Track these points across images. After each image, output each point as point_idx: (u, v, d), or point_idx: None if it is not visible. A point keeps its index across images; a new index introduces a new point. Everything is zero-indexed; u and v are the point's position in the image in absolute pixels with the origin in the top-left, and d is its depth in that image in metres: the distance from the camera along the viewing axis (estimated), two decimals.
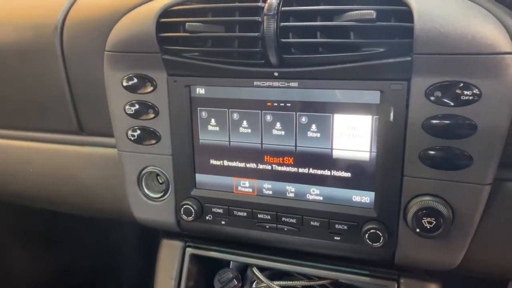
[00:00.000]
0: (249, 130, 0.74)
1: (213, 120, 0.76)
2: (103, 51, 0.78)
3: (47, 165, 0.95)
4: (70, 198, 0.97)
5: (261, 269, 0.88)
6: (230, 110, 0.75)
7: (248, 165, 0.77)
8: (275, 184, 0.76)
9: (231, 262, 0.98)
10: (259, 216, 0.78)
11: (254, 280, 0.93)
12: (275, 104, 0.72)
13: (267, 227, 0.78)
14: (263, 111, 0.73)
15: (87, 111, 0.88)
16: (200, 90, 0.75)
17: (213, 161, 0.79)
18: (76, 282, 1.77)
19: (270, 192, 0.77)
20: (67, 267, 1.71)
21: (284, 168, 0.75)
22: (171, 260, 0.90)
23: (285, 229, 0.77)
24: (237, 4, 0.68)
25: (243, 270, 0.97)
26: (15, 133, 0.97)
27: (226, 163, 0.78)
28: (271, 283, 0.84)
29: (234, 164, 0.78)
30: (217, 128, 0.76)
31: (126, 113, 0.79)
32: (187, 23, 0.69)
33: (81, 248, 1.72)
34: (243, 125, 0.75)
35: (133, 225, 0.93)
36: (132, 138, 0.81)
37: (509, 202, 0.66)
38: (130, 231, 1.71)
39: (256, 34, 0.66)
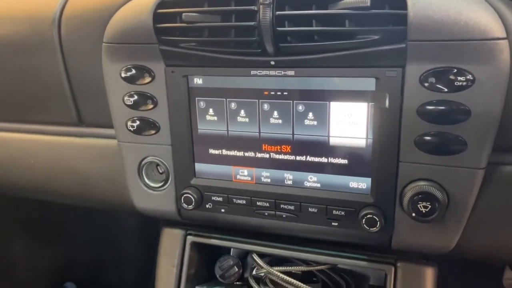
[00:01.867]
0: (247, 119, 0.75)
1: (211, 110, 0.77)
2: (101, 43, 0.79)
3: (48, 157, 0.96)
4: (71, 190, 0.98)
5: (261, 255, 0.89)
6: (227, 99, 0.75)
7: (246, 154, 0.78)
8: (273, 172, 0.77)
9: (232, 249, 0.99)
10: (258, 203, 0.79)
11: (254, 267, 0.95)
12: (272, 92, 0.72)
13: (266, 214, 0.79)
14: (260, 100, 0.74)
15: (87, 103, 0.88)
16: (198, 80, 0.76)
17: (212, 151, 0.80)
18: (78, 273, 1.78)
19: (269, 180, 0.78)
20: (69, 258, 1.72)
21: (282, 156, 0.76)
22: (172, 248, 0.92)
23: (284, 216, 0.78)
24: None
25: (243, 257, 0.99)
26: (15, 125, 0.97)
27: (224, 152, 0.79)
28: (270, 269, 0.86)
29: (232, 153, 0.79)
30: (215, 118, 0.77)
31: (125, 104, 0.80)
32: (183, 14, 0.70)
33: (82, 239, 1.73)
34: (241, 114, 0.76)
35: (134, 216, 0.94)
36: (132, 129, 0.82)
37: (503, 185, 0.68)
38: (131, 221, 1.72)
39: (252, 23, 0.66)
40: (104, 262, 1.81)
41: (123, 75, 0.79)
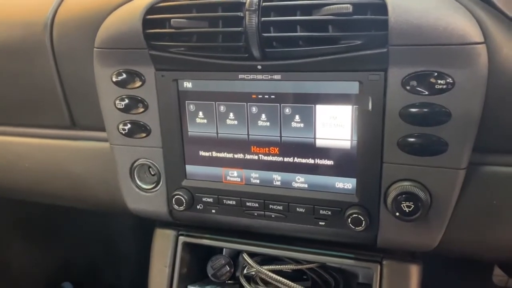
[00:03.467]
0: (236, 122, 0.77)
1: (200, 113, 0.79)
2: (93, 47, 0.80)
3: (41, 160, 0.98)
4: (64, 192, 1.00)
5: (252, 254, 0.91)
6: (217, 102, 0.77)
7: (235, 156, 0.80)
8: (262, 173, 0.79)
9: (224, 248, 1.01)
10: (248, 204, 0.81)
11: (246, 266, 0.97)
12: (260, 96, 0.74)
13: (255, 214, 0.81)
14: (248, 103, 0.75)
15: (79, 106, 0.90)
16: (187, 84, 0.78)
17: (202, 153, 0.81)
18: (75, 273, 1.79)
19: (258, 181, 0.80)
20: (66, 258, 1.73)
21: (270, 158, 0.77)
22: (164, 248, 0.93)
23: (273, 216, 0.80)
24: (219, 0, 0.70)
25: (235, 256, 1.01)
26: (9, 129, 0.99)
27: (214, 154, 0.81)
28: (260, 268, 0.87)
29: (222, 155, 0.80)
30: (205, 121, 0.79)
31: (117, 108, 0.82)
32: (172, 19, 0.71)
33: (79, 239, 1.74)
34: (229, 117, 0.77)
35: (129, 217, 0.95)
36: (123, 132, 0.83)
37: (483, 185, 0.70)
38: (127, 222, 1.73)
39: (239, 29, 0.68)
40: (101, 262, 1.82)
41: (114, 79, 0.80)
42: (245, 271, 0.96)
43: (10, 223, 1.56)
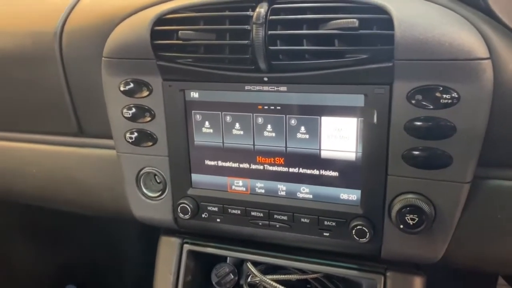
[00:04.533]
0: (242, 132, 0.78)
1: (207, 123, 0.79)
2: (101, 56, 0.81)
3: (48, 166, 0.99)
4: (71, 198, 1.01)
5: (256, 263, 0.92)
6: (223, 113, 0.78)
7: (241, 165, 0.80)
8: (267, 183, 0.80)
9: (228, 257, 1.01)
10: (252, 213, 0.81)
11: (250, 274, 0.97)
12: (266, 107, 0.75)
13: (260, 224, 0.81)
14: (254, 114, 0.76)
15: (87, 114, 0.91)
16: (194, 94, 0.78)
17: (208, 162, 0.82)
18: (80, 276, 1.81)
19: (263, 191, 0.80)
20: (70, 261, 1.74)
21: (275, 168, 0.78)
22: (169, 256, 0.94)
23: (277, 225, 0.80)
24: (227, 13, 0.71)
25: (239, 264, 1.01)
26: (18, 135, 1.00)
27: (220, 163, 0.81)
28: (264, 277, 0.88)
29: (228, 164, 0.81)
30: (211, 130, 0.80)
31: (124, 117, 0.83)
32: (180, 31, 0.72)
33: (84, 243, 1.75)
34: (235, 127, 0.78)
35: (134, 222, 0.96)
36: (130, 140, 0.84)
37: (488, 199, 0.70)
38: (131, 228, 1.74)
39: (246, 42, 0.69)
40: (104, 265, 1.83)
41: (121, 88, 0.81)
42: (249, 280, 0.96)
43: (15, 225, 1.58)
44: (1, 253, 1.56)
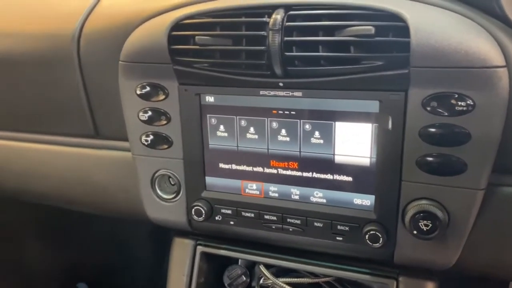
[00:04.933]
0: (256, 136, 0.79)
1: (222, 127, 0.80)
2: (118, 60, 0.83)
3: (64, 167, 1.00)
4: (86, 199, 1.02)
5: (268, 265, 0.92)
6: (238, 117, 0.79)
7: (255, 169, 0.81)
8: (281, 187, 0.80)
9: (239, 259, 1.02)
10: (266, 217, 0.82)
11: (262, 276, 0.98)
12: (280, 112, 0.76)
13: (273, 227, 0.82)
14: (269, 118, 0.77)
15: (103, 117, 0.92)
16: (210, 98, 0.79)
17: (222, 165, 0.83)
18: (90, 274, 1.82)
19: (276, 195, 0.81)
20: (82, 259, 1.76)
21: (289, 172, 0.79)
22: (182, 257, 0.95)
23: (290, 229, 0.81)
24: (243, 19, 0.72)
25: (250, 266, 1.02)
26: (35, 136, 1.02)
27: (234, 167, 0.82)
28: (276, 280, 0.89)
29: (242, 167, 0.82)
30: (226, 134, 0.81)
31: (140, 120, 0.84)
32: (197, 37, 0.73)
33: (95, 241, 1.77)
34: (250, 131, 0.79)
35: (145, 223, 0.97)
36: (146, 143, 0.85)
37: (502, 206, 0.70)
38: (142, 228, 1.76)
39: (262, 47, 0.69)
40: (115, 264, 1.85)
41: (138, 92, 0.82)
42: (261, 282, 0.97)
43: (27, 224, 1.60)
44: (14, 251, 1.58)
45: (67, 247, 1.73)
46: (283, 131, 0.77)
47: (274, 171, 0.80)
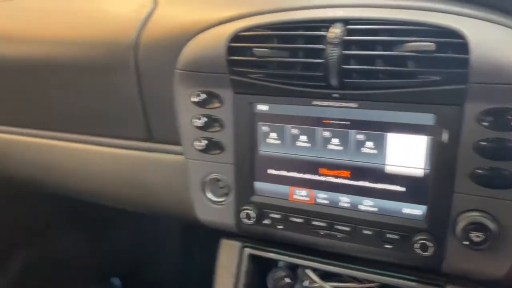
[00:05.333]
0: (307, 145, 0.81)
1: (273, 134, 0.83)
2: (174, 68, 0.86)
3: (117, 168, 1.05)
4: (137, 199, 1.06)
5: (312, 269, 0.95)
6: (289, 125, 0.81)
7: (304, 176, 0.83)
8: (330, 194, 0.82)
9: (280, 261, 1.05)
10: (314, 223, 0.84)
11: (304, 279, 1.00)
12: (332, 121, 0.78)
13: (321, 233, 0.84)
14: (320, 128, 0.79)
15: (156, 122, 0.96)
16: (263, 107, 0.82)
17: (271, 171, 0.86)
18: (123, 269, 1.88)
19: (325, 202, 0.83)
20: (115, 254, 1.81)
21: (339, 180, 0.81)
22: (230, 258, 0.98)
23: (338, 235, 0.83)
24: (301, 32, 0.74)
25: (292, 269, 1.04)
26: (90, 138, 1.06)
27: (284, 173, 0.85)
28: (325, 284, 0.91)
29: (291, 174, 0.84)
30: (276, 141, 0.83)
31: (194, 126, 0.87)
32: (255, 49, 0.76)
33: (128, 237, 1.82)
34: (300, 140, 0.81)
35: (175, 220, 1.00)
36: (199, 148, 0.89)
37: None
38: (172, 221, 1.80)
39: (321, 60, 0.72)
40: (147, 259, 1.90)
41: (193, 99, 0.86)
42: (307, 284, 0.99)
43: (63, 218, 1.65)
44: (48, 244, 1.63)
45: (101, 242, 1.78)
46: (335, 140, 0.79)
47: (324, 178, 0.82)
